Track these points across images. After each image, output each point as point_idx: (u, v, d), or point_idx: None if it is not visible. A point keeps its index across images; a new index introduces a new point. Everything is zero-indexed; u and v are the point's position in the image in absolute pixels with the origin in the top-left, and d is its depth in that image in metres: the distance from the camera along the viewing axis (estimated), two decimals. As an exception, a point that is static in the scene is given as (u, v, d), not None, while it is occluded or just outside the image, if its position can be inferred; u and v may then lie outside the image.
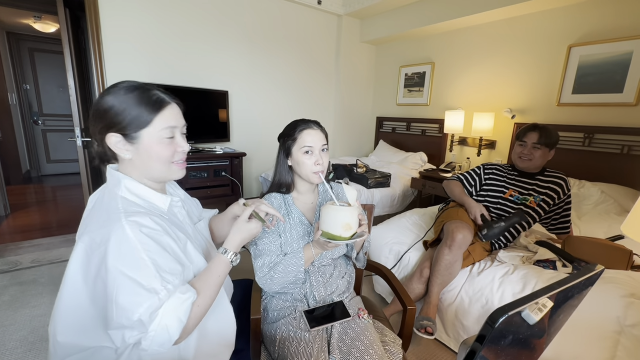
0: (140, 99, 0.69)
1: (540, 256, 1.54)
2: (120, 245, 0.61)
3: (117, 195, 0.70)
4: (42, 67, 4.62)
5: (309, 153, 1.01)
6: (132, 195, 0.72)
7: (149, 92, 0.71)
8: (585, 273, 0.46)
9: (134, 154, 0.72)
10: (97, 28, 2.48)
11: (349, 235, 0.88)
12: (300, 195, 1.11)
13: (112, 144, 0.70)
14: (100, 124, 0.70)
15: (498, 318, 0.33)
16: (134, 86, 0.71)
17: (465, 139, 3.26)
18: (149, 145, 0.71)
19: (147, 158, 0.72)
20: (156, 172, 0.75)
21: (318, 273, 1.08)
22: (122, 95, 0.69)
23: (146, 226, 0.66)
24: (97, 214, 0.70)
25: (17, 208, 3.35)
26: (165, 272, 0.65)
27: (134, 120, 0.69)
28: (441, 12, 3.03)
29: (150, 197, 0.75)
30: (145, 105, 0.70)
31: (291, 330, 0.96)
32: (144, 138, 0.71)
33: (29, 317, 1.68)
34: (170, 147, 0.74)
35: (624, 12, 2.21)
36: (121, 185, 0.72)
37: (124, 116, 0.68)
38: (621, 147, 2.26)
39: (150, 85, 0.74)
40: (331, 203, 0.91)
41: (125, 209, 0.67)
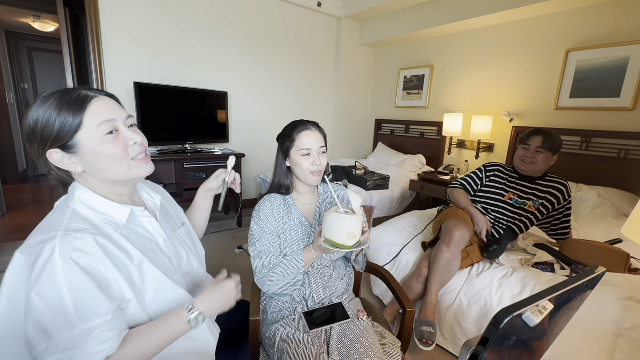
0: (61, 103, 0.62)
1: (538, 259, 1.55)
2: (43, 271, 0.55)
3: (69, 207, 0.64)
4: (40, 67, 4.60)
5: (307, 155, 1.00)
6: (84, 208, 0.66)
7: (68, 93, 0.64)
8: (587, 276, 0.47)
9: (83, 164, 0.65)
10: (96, 28, 2.47)
11: (352, 243, 0.87)
12: (301, 196, 1.11)
13: (57, 162, 0.64)
14: (35, 143, 0.63)
15: (503, 319, 0.33)
16: (52, 92, 0.64)
17: (464, 142, 3.27)
18: (91, 148, 0.64)
19: (98, 162, 0.65)
20: (115, 174, 0.68)
21: (317, 275, 1.08)
22: (41, 105, 0.62)
23: (80, 250, 0.58)
24: (45, 226, 0.63)
25: (13, 207, 3.32)
26: (86, 314, 0.56)
27: (63, 127, 0.62)
28: (440, 15, 3.05)
29: (105, 209, 0.67)
30: (67, 107, 0.62)
31: (290, 332, 0.96)
32: (83, 143, 0.63)
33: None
34: (117, 142, 0.66)
35: (621, 18, 2.23)
36: (74, 195, 0.66)
37: (52, 126, 0.61)
38: (618, 151, 2.28)
39: (74, 88, 0.67)
40: (335, 209, 0.89)
41: (68, 226, 0.60)
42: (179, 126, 2.84)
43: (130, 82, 2.62)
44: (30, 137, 0.63)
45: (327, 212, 0.90)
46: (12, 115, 4.32)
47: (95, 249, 0.60)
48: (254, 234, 1.04)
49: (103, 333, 0.57)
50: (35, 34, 4.37)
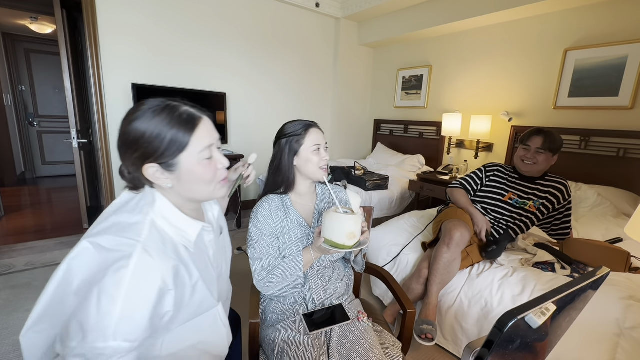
0: (173, 120, 0.62)
1: (539, 258, 1.54)
2: (113, 277, 0.55)
3: (147, 217, 0.64)
4: (38, 68, 4.59)
5: (317, 151, 1.03)
6: (163, 220, 0.66)
7: (178, 109, 0.64)
8: (591, 277, 0.46)
9: (175, 182, 0.66)
10: (94, 29, 2.46)
11: (352, 243, 0.87)
12: (299, 197, 1.10)
13: (150, 175, 0.64)
14: (133, 154, 0.63)
15: (507, 322, 0.33)
16: (161, 107, 0.63)
17: (463, 141, 3.27)
18: (189, 170, 0.65)
19: (189, 183, 0.66)
20: (200, 195, 0.70)
21: (317, 276, 1.07)
22: (150, 118, 0.61)
23: (152, 271, 0.58)
24: (117, 223, 0.63)
25: (11, 210, 3.31)
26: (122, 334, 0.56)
27: (170, 146, 0.62)
28: (439, 15, 3.05)
29: (180, 224, 0.68)
30: (179, 126, 0.62)
31: (290, 334, 0.95)
32: (183, 163, 0.64)
33: (22, 322, 1.64)
34: (211, 166, 0.68)
35: (619, 17, 2.23)
36: (155, 205, 0.66)
37: (158, 143, 0.61)
38: (617, 150, 2.28)
39: (175, 100, 0.67)
40: (334, 209, 0.89)
41: (146, 242, 0.60)
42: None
43: (128, 83, 2.61)
44: (128, 148, 0.63)
45: (326, 212, 0.90)
46: (9, 118, 4.31)
47: (167, 274, 0.60)
48: (253, 236, 1.03)
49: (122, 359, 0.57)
50: (33, 35, 4.36)
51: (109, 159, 2.71)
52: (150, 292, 0.58)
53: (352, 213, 0.90)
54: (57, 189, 4.35)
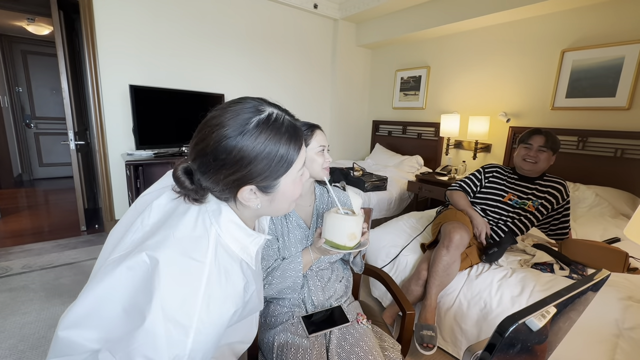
0: (280, 138, 0.54)
1: (537, 259, 1.54)
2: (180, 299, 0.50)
3: (212, 230, 0.57)
4: (35, 70, 4.57)
5: (321, 152, 1.04)
6: (229, 237, 0.59)
7: (282, 122, 0.56)
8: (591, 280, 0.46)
9: (265, 203, 0.60)
10: (91, 31, 2.45)
11: (353, 244, 0.87)
12: (299, 198, 1.10)
13: (243, 198, 0.56)
14: (230, 175, 0.54)
15: (508, 327, 0.33)
16: (263, 120, 0.54)
17: (461, 142, 3.27)
18: (285, 190, 0.59)
19: (279, 202, 0.61)
20: (280, 212, 0.64)
21: (316, 277, 1.07)
22: (256, 136, 0.53)
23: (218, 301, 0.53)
24: (176, 241, 0.54)
25: (7, 212, 3.28)
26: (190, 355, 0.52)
27: (277, 169, 0.55)
28: (436, 17, 3.05)
29: (245, 239, 0.62)
30: (286, 145, 0.55)
31: (289, 336, 0.95)
32: (282, 184, 0.58)
33: (19, 325, 1.63)
34: (301, 183, 0.62)
35: (616, 18, 2.24)
36: (221, 218, 0.58)
37: (264, 165, 0.54)
38: (614, 151, 2.29)
39: (272, 106, 0.59)
40: (335, 210, 0.90)
41: (212, 261, 0.54)
42: (175, 129, 2.82)
43: (125, 84, 2.60)
44: (223, 167, 0.53)
45: (327, 213, 0.90)
46: (6, 119, 4.29)
47: (237, 300, 0.56)
48: None
49: None
50: (30, 37, 4.34)
51: (106, 160, 2.69)
52: (223, 320, 0.54)
53: (353, 214, 0.90)
54: (54, 190, 4.33)
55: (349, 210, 0.92)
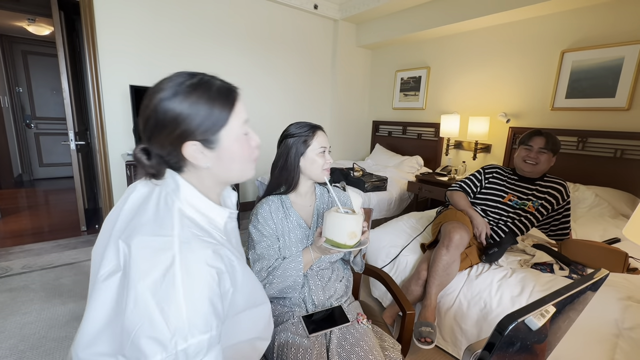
0: (210, 95, 0.60)
1: (537, 259, 1.55)
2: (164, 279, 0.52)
3: (174, 206, 0.60)
4: (35, 70, 4.57)
5: (322, 153, 1.05)
6: (190, 209, 0.62)
7: (213, 83, 0.62)
8: (590, 279, 0.46)
9: (214, 161, 0.63)
10: (92, 31, 2.46)
11: (353, 243, 0.88)
12: (299, 198, 1.11)
13: (189, 154, 0.60)
14: (171, 134, 0.59)
15: (507, 325, 0.33)
16: (195, 82, 0.60)
17: (461, 142, 3.28)
18: (229, 147, 0.63)
19: (229, 161, 0.64)
20: (234, 175, 0.67)
21: (316, 277, 1.07)
22: (187, 95, 0.59)
23: (200, 262, 0.55)
24: (144, 217, 0.59)
25: (8, 213, 3.29)
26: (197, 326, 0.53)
27: (212, 122, 0.60)
28: (436, 17, 3.06)
29: (208, 211, 0.65)
30: (219, 101, 0.60)
31: (289, 336, 0.95)
32: (223, 140, 0.62)
33: (19, 325, 1.63)
34: (247, 143, 0.66)
35: (615, 19, 2.25)
36: (180, 193, 0.62)
37: (199, 120, 0.59)
38: (614, 151, 2.29)
39: (204, 74, 0.64)
40: (335, 209, 0.90)
41: (181, 233, 0.57)
42: (175, 129, 2.82)
43: (126, 85, 2.61)
44: (165, 126, 0.59)
45: (327, 212, 0.90)
46: (7, 119, 4.29)
47: (212, 259, 0.57)
48: (253, 237, 1.03)
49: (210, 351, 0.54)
50: (30, 37, 4.35)
51: (106, 160, 2.70)
52: (206, 281, 0.55)
53: (353, 213, 0.90)
54: (55, 191, 4.33)
55: (349, 210, 0.93)
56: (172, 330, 0.51)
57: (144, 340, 0.51)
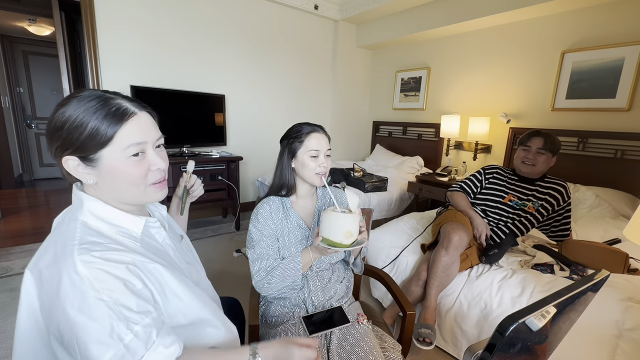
0: (96, 111, 0.57)
1: (538, 260, 1.55)
2: (74, 287, 0.51)
3: (77, 220, 0.60)
4: (36, 70, 4.58)
5: (315, 157, 1.01)
6: (96, 220, 0.61)
7: (108, 101, 0.59)
8: (590, 280, 0.46)
9: (98, 178, 0.61)
10: (92, 31, 2.46)
11: (349, 242, 0.87)
12: (299, 199, 1.11)
13: (70, 168, 0.60)
14: (55, 144, 0.59)
15: (508, 326, 0.33)
16: (93, 96, 0.59)
17: (461, 143, 3.28)
18: (112, 167, 0.60)
19: (114, 181, 0.61)
20: (128, 196, 0.64)
21: (316, 278, 1.07)
22: (75, 107, 0.57)
23: (107, 259, 0.55)
24: (52, 242, 0.59)
25: (8, 213, 3.29)
26: (131, 311, 0.54)
27: (90, 139, 0.57)
28: (437, 18, 3.06)
29: (118, 220, 0.63)
30: (102, 118, 0.57)
31: (290, 337, 0.95)
32: (105, 159, 0.59)
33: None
34: (140, 166, 0.62)
35: (616, 20, 2.25)
36: (84, 207, 0.61)
37: (78, 134, 0.57)
38: (615, 152, 2.29)
39: (114, 93, 0.62)
40: (332, 209, 0.90)
41: (81, 239, 0.56)
42: (176, 129, 2.83)
43: (126, 85, 2.61)
44: (52, 135, 0.59)
45: (324, 211, 0.90)
46: (7, 120, 4.29)
47: (117, 260, 0.56)
48: (253, 237, 1.03)
49: (167, 337, 0.56)
50: (31, 37, 4.35)
51: (107, 161, 2.69)
52: (117, 275, 0.55)
53: (350, 212, 0.90)
54: (55, 191, 4.33)
55: (346, 209, 0.92)
56: (112, 326, 0.52)
57: (89, 345, 0.51)
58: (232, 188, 2.96)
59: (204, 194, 1.07)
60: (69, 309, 0.51)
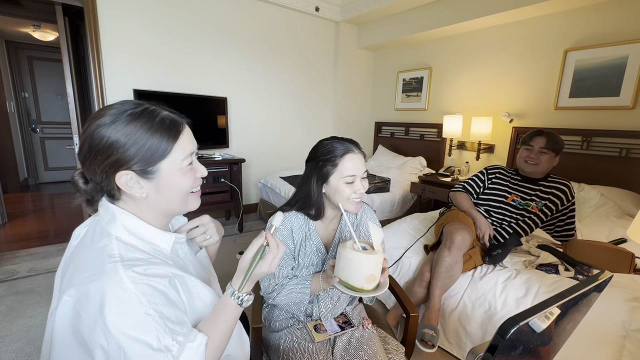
0: (152, 125, 0.58)
1: (542, 260, 1.53)
2: (120, 302, 0.52)
3: (111, 236, 0.59)
4: (40, 75, 4.62)
5: (351, 183, 0.89)
6: (130, 236, 0.61)
7: (157, 114, 0.60)
8: (594, 281, 0.46)
9: (151, 191, 0.61)
10: (96, 36, 2.48)
11: (371, 287, 0.75)
12: (324, 222, 1.02)
13: (122, 184, 0.59)
14: (105, 161, 0.57)
15: (509, 329, 0.33)
16: (137, 111, 0.59)
17: (464, 143, 3.27)
18: (169, 178, 0.61)
19: (168, 192, 0.62)
20: (174, 206, 0.65)
21: (327, 297, 1.04)
22: (126, 123, 0.57)
23: (150, 275, 0.56)
24: (85, 258, 0.58)
25: (14, 216, 3.32)
26: (174, 323, 0.56)
27: (150, 153, 0.58)
28: (438, 18, 3.06)
29: (151, 237, 0.64)
30: (161, 131, 0.59)
31: (295, 341, 0.95)
32: (164, 171, 0.61)
33: (25, 328, 1.65)
34: (192, 175, 0.65)
35: (618, 17, 2.23)
36: (117, 222, 0.61)
37: (136, 149, 0.57)
38: (619, 150, 2.27)
39: (152, 104, 0.62)
40: (352, 245, 0.77)
41: (122, 256, 0.56)
42: (178, 132, 2.84)
43: (129, 89, 2.63)
44: (98, 154, 0.57)
45: (342, 246, 0.78)
46: (12, 124, 4.34)
47: (158, 274, 0.58)
48: None
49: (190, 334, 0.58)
50: (36, 43, 4.40)
51: (111, 164, 2.71)
52: (160, 289, 0.56)
53: (372, 249, 0.77)
54: (60, 194, 4.37)
55: (367, 244, 0.79)
56: (160, 339, 0.53)
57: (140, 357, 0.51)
58: (234, 190, 2.97)
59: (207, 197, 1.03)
60: (117, 324, 0.51)
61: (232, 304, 0.65)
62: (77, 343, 0.55)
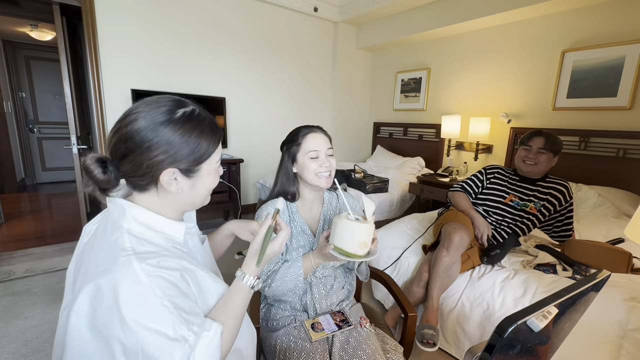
0: (202, 128, 0.62)
1: (540, 260, 1.54)
2: (135, 294, 0.52)
3: (122, 229, 0.59)
4: (38, 75, 4.61)
5: (315, 158, 0.98)
6: (141, 227, 0.61)
7: (204, 117, 0.64)
8: (591, 280, 0.46)
9: (187, 188, 0.64)
10: (93, 36, 2.48)
11: (363, 253, 0.83)
12: (304, 204, 1.08)
13: (164, 180, 0.60)
14: (156, 157, 0.59)
15: (507, 328, 0.33)
16: (189, 112, 0.62)
17: (462, 143, 3.27)
18: (205, 177, 0.65)
19: (199, 189, 0.66)
20: (198, 201, 0.69)
21: (320, 284, 1.06)
22: (182, 124, 0.60)
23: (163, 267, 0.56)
24: (97, 253, 0.59)
25: (11, 217, 3.30)
26: (188, 314, 0.57)
27: (200, 154, 0.62)
28: (436, 18, 3.06)
29: (163, 227, 0.64)
30: (209, 135, 0.63)
31: (292, 340, 0.95)
32: (203, 171, 0.64)
33: (22, 329, 1.64)
34: (217, 174, 0.69)
35: (616, 19, 2.24)
36: (126, 215, 0.61)
37: (189, 150, 0.60)
38: (617, 151, 2.28)
39: (192, 103, 0.65)
40: (346, 216, 0.85)
41: (135, 249, 0.56)
42: (177, 132, 2.84)
43: (127, 89, 2.62)
44: (148, 151, 0.58)
45: (337, 217, 0.86)
46: (10, 124, 4.32)
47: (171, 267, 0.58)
48: None
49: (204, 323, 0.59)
50: (33, 42, 4.38)
51: (108, 164, 2.70)
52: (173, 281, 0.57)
53: (364, 220, 0.86)
54: (57, 195, 4.35)
55: (360, 216, 0.88)
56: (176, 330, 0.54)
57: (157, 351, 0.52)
58: (233, 190, 2.96)
59: None
60: (133, 316, 0.51)
61: (244, 287, 0.68)
62: (94, 338, 0.54)
